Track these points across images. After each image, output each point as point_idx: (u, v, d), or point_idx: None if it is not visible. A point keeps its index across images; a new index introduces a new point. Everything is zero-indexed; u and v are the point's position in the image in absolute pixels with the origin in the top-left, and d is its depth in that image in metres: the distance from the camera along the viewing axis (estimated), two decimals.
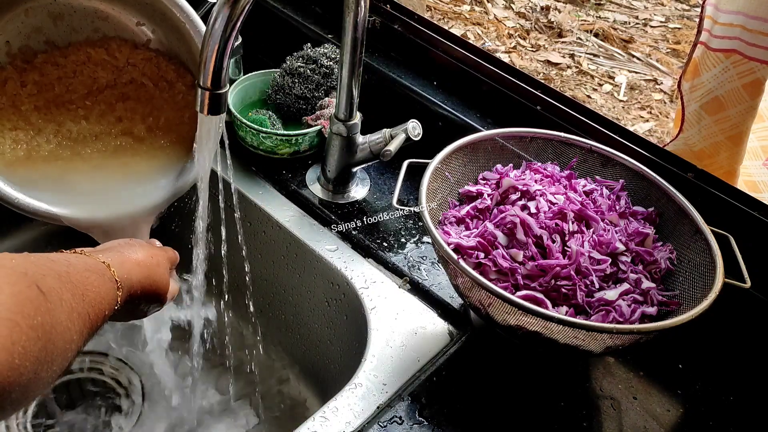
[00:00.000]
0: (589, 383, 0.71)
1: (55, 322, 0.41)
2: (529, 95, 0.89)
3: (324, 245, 0.82)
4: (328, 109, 0.92)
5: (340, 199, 0.88)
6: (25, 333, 0.38)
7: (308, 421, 0.64)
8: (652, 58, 2.67)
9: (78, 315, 0.45)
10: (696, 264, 0.68)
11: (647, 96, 2.49)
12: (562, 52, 2.68)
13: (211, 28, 0.58)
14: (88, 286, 0.48)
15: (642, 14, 2.94)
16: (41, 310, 0.40)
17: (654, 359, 0.73)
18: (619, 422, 0.68)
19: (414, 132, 0.82)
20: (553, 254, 0.67)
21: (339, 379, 0.74)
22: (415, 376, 0.69)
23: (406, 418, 0.65)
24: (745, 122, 0.87)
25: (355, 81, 0.79)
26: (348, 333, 0.81)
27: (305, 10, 1.07)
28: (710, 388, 0.72)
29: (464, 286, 0.66)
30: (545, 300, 0.65)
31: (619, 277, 0.68)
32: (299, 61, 0.95)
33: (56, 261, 0.47)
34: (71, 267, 0.48)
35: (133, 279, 0.56)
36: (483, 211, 0.73)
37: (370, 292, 0.77)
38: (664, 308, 0.67)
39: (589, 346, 0.63)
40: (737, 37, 0.81)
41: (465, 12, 2.88)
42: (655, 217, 0.74)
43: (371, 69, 0.97)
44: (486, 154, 0.79)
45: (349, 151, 0.85)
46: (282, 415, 0.90)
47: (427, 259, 0.81)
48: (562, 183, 0.76)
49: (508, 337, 0.70)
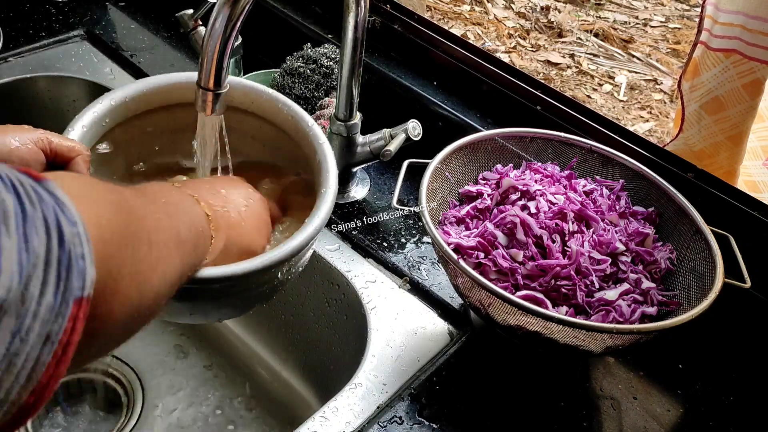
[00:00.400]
0: (589, 383, 0.71)
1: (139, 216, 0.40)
2: (529, 95, 0.89)
3: (324, 245, 0.82)
4: (328, 109, 0.92)
5: (340, 199, 0.88)
6: (103, 207, 0.36)
7: (308, 421, 0.64)
8: (652, 58, 2.67)
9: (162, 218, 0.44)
10: (696, 264, 0.68)
11: (647, 96, 2.49)
12: (562, 52, 2.68)
13: (211, 28, 0.58)
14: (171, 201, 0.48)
15: (642, 14, 2.94)
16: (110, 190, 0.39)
17: (654, 359, 0.73)
18: (619, 422, 0.68)
19: (414, 132, 0.82)
20: (553, 254, 0.67)
21: (339, 379, 0.74)
22: (415, 376, 0.69)
23: (406, 418, 0.66)
24: (745, 122, 0.87)
25: (355, 81, 0.79)
26: (348, 333, 0.81)
27: (305, 10, 1.07)
28: (710, 388, 0.72)
29: (464, 286, 0.66)
30: (545, 300, 0.65)
31: (619, 277, 0.68)
32: (299, 61, 0.95)
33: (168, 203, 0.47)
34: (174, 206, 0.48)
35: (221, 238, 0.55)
36: (483, 211, 0.73)
37: (370, 292, 0.77)
38: (664, 308, 0.67)
39: (589, 346, 0.63)
40: (737, 37, 0.82)
41: (465, 12, 2.88)
42: (655, 217, 0.74)
43: (371, 69, 0.97)
44: (486, 154, 0.79)
45: (349, 151, 0.85)
46: (282, 415, 0.90)
47: (427, 259, 0.81)
48: (562, 183, 0.76)
49: (508, 337, 0.70)
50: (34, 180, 0.31)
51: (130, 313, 0.38)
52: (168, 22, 1.14)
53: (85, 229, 0.31)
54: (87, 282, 0.31)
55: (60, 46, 1.08)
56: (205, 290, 0.55)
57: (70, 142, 0.57)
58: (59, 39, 1.08)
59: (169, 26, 1.14)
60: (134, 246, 0.38)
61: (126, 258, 0.36)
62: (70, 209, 0.31)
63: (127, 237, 0.37)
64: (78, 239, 0.31)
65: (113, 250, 0.35)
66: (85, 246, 0.31)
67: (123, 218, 0.37)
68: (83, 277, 0.30)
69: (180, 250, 0.45)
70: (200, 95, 0.60)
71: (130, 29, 1.13)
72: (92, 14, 1.15)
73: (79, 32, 1.11)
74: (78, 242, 0.31)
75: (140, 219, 0.40)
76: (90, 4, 1.17)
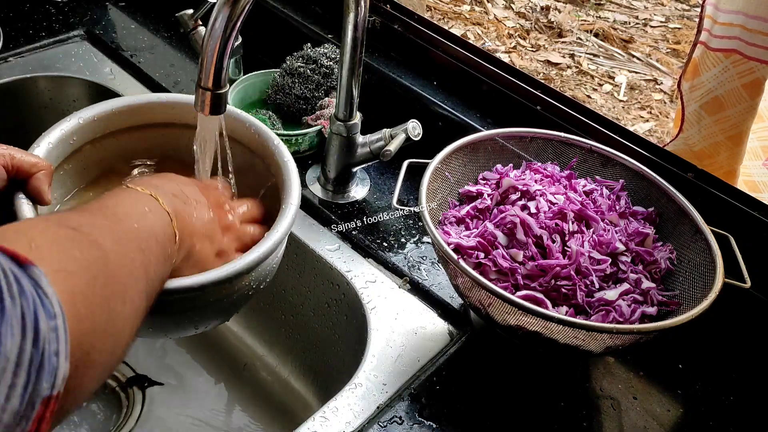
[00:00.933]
0: (589, 383, 0.71)
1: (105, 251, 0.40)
2: (529, 95, 0.89)
3: (324, 245, 0.82)
4: (328, 109, 0.92)
5: (340, 199, 0.88)
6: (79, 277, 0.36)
7: (308, 421, 0.64)
8: (652, 58, 2.67)
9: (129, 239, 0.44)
10: (696, 264, 0.68)
11: (647, 96, 2.49)
12: (562, 52, 2.68)
13: (211, 28, 0.58)
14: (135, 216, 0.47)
15: (642, 14, 2.94)
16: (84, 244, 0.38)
17: (654, 359, 0.73)
18: (619, 422, 0.68)
19: (414, 132, 0.82)
20: (553, 254, 0.67)
21: (339, 379, 0.74)
22: (415, 376, 0.69)
23: (406, 418, 0.65)
24: (745, 122, 0.87)
25: (355, 81, 0.79)
26: (348, 333, 0.81)
27: (305, 10, 1.07)
28: (710, 388, 0.72)
29: (464, 286, 0.66)
30: (545, 300, 0.65)
31: (619, 277, 0.68)
32: (299, 61, 0.95)
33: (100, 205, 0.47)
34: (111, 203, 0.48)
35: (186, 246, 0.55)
36: (483, 211, 0.73)
37: (370, 292, 0.77)
38: (664, 308, 0.67)
39: (589, 346, 0.63)
40: (737, 37, 0.82)
41: (465, 12, 2.88)
42: (655, 217, 0.74)
43: (371, 69, 0.97)
44: (486, 154, 0.79)
45: (349, 151, 0.85)
46: (282, 415, 0.90)
47: (427, 259, 0.81)
48: (562, 183, 0.76)
49: (508, 337, 0.70)
50: (17, 264, 0.31)
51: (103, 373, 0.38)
52: (168, 22, 1.14)
53: (64, 322, 0.31)
54: (58, 380, 0.31)
55: (60, 46, 1.08)
56: (163, 303, 0.54)
57: (32, 157, 0.57)
58: (59, 39, 1.08)
59: (169, 26, 1.14)
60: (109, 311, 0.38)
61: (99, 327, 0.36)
62: (51, 299, 0.31)
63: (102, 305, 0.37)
64: (55, 334, 0.31)
65: (86, 326, 0.35)
66: (62, 342, 0.31)
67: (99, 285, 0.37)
68: (54, 375, 0.30)
69: (148, 282, 0.46)
70: (200, 95, 0.60)
71: (130, 29, 1.13)
72: (92, 14, 1.15)
73: (79, 32, 1.11)
74: (53, 338, 0.31)
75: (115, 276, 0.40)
76: (90, 4, 1.17)
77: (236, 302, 0.63)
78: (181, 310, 0.59)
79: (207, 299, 0.58)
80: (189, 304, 0.58)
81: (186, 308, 0.59)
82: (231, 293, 0.60)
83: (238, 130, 0.70)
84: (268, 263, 0.61)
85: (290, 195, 0.64)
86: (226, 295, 0.60)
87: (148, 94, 0.71)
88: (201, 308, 0.60)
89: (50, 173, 0.58)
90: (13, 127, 1.03)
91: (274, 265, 0.65)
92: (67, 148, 0.66)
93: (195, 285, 0.54)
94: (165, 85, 1.02)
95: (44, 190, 0.56)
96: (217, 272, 0.56)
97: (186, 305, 0.58)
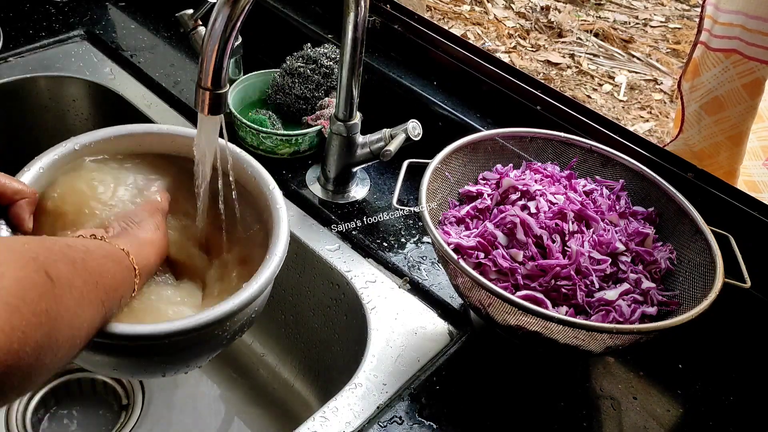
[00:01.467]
0: (589, 383, 0.71)
1: (62, 309, 0.41)
2: (529, 95, 0.89)
3: (324, 245, 0.82)
4: (328, 109, 0.92)
5: (340, 199, 0.88)
6: (26, 318, 0.37)
7: (308, 421, 0.64)
8: (652, 58, 2.67)
9: (89, 302, 0.45)
10: (696, 264, 0.68)
11: (647, 96, 2.49)
12: (562, 52, 2.68)
13: (211, 28, 0.58)
14: (104, 273, 0.48)
15: (642, 14, 2.94)
16: (47, 296, 0.39)
17: (654, 359, 0.73)
18: (619, 422, 0.68)
19: (414, 132, 0.82)
20: (553, 254, 0.67)
21: (339, 379, 0.74)
22: (415, 376, 0.69)
23: (406, 418, 0.65)
24: (745, 122, 0.87)
25: (355, 81, 0.79)
26: (348, 333, 0.81)
27: (305, 10, 1.07)
28: (710, 388, 0.72)
29: (464, 286, 0.66)
30: (545, 300, 0.65)
31: (619, 277, 0.68)
32: (299, 61, 0.95)
33: (73, 247, 0.47)
34: (88, 254, 0.47)
35: (151, 263, 0.56)
36: (483, 211, 0.73)
37: (370, 292, 0.77)
38: (664, 308, 0.67)
39: (589, 346, 0.63)
40: (737, 37, 0.82)
41: (465, 12, 2.88)
42: (655, 217, 0.74)
43: (371, 69, 0.97)
44: (486, 154, 0.79)
45: (349, 151, 0.85)
46: (282, 415, 0.90)
47: (427, 259, 0.81)
48: (562, 183, 0.76)
49: (508, 337, 0.70)
50: None
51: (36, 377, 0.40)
52: (168, 22, 1.14)
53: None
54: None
55: (60, 46, 1.08)
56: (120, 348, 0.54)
57: (17, 184, 0.57)
58: (59, 39, 1.08)
59: (169, 26, 1.14)
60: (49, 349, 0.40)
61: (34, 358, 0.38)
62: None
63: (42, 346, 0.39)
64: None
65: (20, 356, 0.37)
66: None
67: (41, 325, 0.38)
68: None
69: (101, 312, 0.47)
70: (199, 95, 0.60)
71: (130, 29, 1.13)
72: (92, 14, 1.15)
73: (79, 32, 1.11)
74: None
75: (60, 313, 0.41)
76: (90, 4, 1.17)
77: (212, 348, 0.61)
78: (149, 356, 0.58)
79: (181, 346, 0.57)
80: (162, 348, 0.57)
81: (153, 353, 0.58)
82: (205, 340, 0.59)
83: (237, 170, 0.68)
84: (250, 308, 0.60)
85: (277, 246, 0.62)
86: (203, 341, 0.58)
87: (148, 125, 0.70)
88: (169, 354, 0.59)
89: (34, 201, 0.58)
90: (13, 127, 1.03)
91: (257, 309, 0.63)
92: (58, 174, 0.64)
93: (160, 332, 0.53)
94: (165, 85, 1.02)
95: (24, 219, 0.57)
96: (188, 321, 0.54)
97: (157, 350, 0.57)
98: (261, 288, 0.58)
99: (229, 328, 0.59)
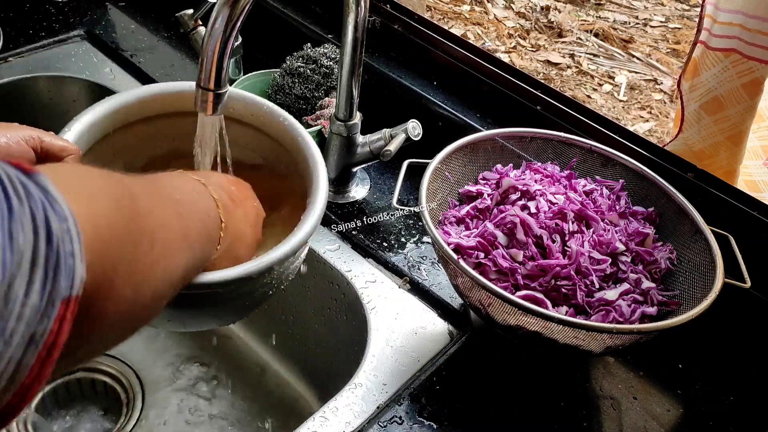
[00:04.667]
0: (589, 383, 0.71)
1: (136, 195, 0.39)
2: (529, 95, 0.89)
3: (324, 245, 0.82)
4: (328, 109, 0.92)
5: (340, 199, 0.88)
6: (102, 203, 0.35)
7: (308, 421, 0.64)
8: (652, 58, 2.67)
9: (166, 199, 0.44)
10: (696, 264, 0.68)
11: (647, 96, 2.49)
12: (562, 52, 2.68)
13: (211, 28, 0.58)
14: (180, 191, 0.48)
15: (642, 14, 2.94)
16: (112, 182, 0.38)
17: (654, 359, 0.73)
18: (619, 422, 0.68)
19: (414, 132, 0.82)
20: (553, 254, 0.67)
21: (339, 379, 0.74)
22: (415, 376, 0.69)
23: (406, 418, 0.65)
24: (744, 122, 0.87)
25: (355, 81, 0.79)
26: (348, 333, 0.81)
27: (305, 10, 1.07)
28: (710, 388, 0.72)
29: (464, 286, 0.66)
30: (545, 300, 0.65)
31: (619, 277, 0.68)
32: (299, 61, 0.95)
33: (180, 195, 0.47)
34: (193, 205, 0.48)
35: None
36: (483, 211, 0.73)
37: (370, 292, 0.77)
38: (664, 308, 0.67)
39: (589, 346, 0.63)
40: (736, 36, 0.82)
41: (465, 12, 2.88)
42: (655, 217, 0.74)
43: (371, 69, 0.97)
44: (486, 154, 0.79)
45: (349, 151, 0.85)
46: (282, 415, 0.90)
47: (427, 259, 0.81)
48: (562, 183, 0.76)
49: (508, 337, 0.70)
50: (24, 173, 0.30)
51: (126, 313, 0.37)
52: (168, 22, 1.14)
53: (76, 225, 0.30)
54: (76, 281, 0.30)
55: (60, 46, 1.08)
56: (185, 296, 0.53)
57: (62, 141, 0.56)
58: (59, 39, 1.08)
59: (169, 26, 1.14)
60: (134, 245, 0.37)
61: (124, 257, 0.35)
62: (60, 204, 0.30)
63: (127, 235, 0.36)
64: (68, 236, 0.30)
65: (109, 249, 0.34)
66: (75, 243, 0.30)
67: (123, 215, 0.36)
68: (71, 276, 0.30)
69: (186, 252, 0.45)
70: (200, 95, 0.60)
71: (130, 29, 1.13)
72: (92, 14, 1.15)
73: (79, 32, 1.11)
74: (68, 239, 0.30)
75: (144, 216, 0.39)
76: (90, 4, 1.17)
77: (257, 300, 0.62)
78: (203, 305, 0.58)
79: (230, 295, 0.58)
80: (212, 299, 0.57)
81: (207, 303, 0.58)
82: (253, 290, 0.59)
83: (267, 122, 0.69)
84: (291, 261, 0.60)
85: (318, 191, 0.62)
86: (249, 291, 0.59)
87: (177, 83, 0.70)
88: (222, 303, 0.59)
89: (78, 158, 0.57)
90: None
91: (297, 263, 0.64)
92: (98, 133, 0.65)
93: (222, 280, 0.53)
94: None
95: None
96: (246, 267, 0.55)
97: (208, 300, 0.57)
98: (306, 235, 0.59)
99: (276, 276, 0.60)
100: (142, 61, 1.06)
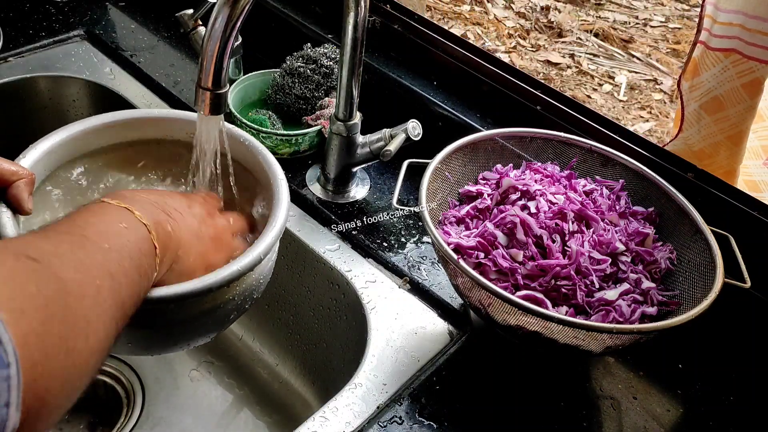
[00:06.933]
0: (589, 383, 0.71)
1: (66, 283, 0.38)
2: (529, 95, 0.89)
3: (324, 245, 0.82)
4: (328, 109, 0.92)
5: (340, 199, 0.88)
6: (33, 317, 0.34)
7: (308, 421, 0.64)
8: (652, 58, 2.67)
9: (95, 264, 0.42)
10: (696, 264, 0.68)
11: (647, 96, 2.49)
12: (562, 52, 2.68)
13: (211, 28, 0.58)
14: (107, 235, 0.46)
15: (642, 14, 2.94)
16: (42, 278, 0.37)
17: (654, 359, 0.73)
18: (619, 422, 0.68)
19: (414, 132, 0.82)
20: (553, 254, 0.67)
21: (339, 379, 0.74)
22: (415, 376, 0.69)
23: (406, 418, 0.65)
24: (744, 122, 0.87)
25: (355, 81, 0.79)
26: (348, 333, 0.81)
27: (305, 10, 1.07)
28: (710, 388, 0.72)
29: (464, 286, 0.66)
30: (545, 300, 0.65)
31: (619, 277, 0.68)
32: (299, 61, 0.95)
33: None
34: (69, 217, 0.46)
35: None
36: (483, 211, 0.73)
37: (370, 292, 0.77)
38: (664, 308, 0.67)
39: (589, 346, 0.63)
40: (736, 36, 0.82)
41: (465, 12, 2.88)
42: (655, 217, 0.74)
43: (371, 69, 0.97)
44: (486, 154, 0.79)
45: (349, 151, 0.85)
46: (282, 415, 0.90)
47: (427, 259, 0.81)
48: (562, 183, 0.76)
49: (508, 337, 0.70)
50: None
51: (58, 413, 0.37)
52: (168, 22, 1.14)
53: (18, 369, 0.31)
54: (8, 429, 0.30)
55: (60, 46, 1.08)
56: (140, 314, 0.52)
57: (13, 165, 0.56)
58: (59, 39, 1.08)
59: (169, 26, 1.14)
60: (69, 349, 0.37)
61: (58, 367, 0.35)
62: (5, 347, 0.30)
63: (61, 343, 0.36)
64: (6, 384, 0.30)
65: (42, 371, 0.34)
66: (13, 391, 0.30)
67: (57, 321, 0.36)
68: (2, 428, 0.30)
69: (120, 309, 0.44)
70: (200, 95, 0.60)
71: (130, 29, 1.13)
72: (92, 14, 1.15)
73: (79, 32, 1.11)
74: (5, 388, 0.30)
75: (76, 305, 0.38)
76: (90, 4, 1.17)
77: (220, 319, 0.61)
78: (161, 324, 0.57)
79: (188, 313, 0.57)
80: (168, 317, 0.56)
81: (165, 323, 0.57)
82: (214, 307, 0.58)
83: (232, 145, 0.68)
84: (253, 276, 0.60)
85: (277, 208, 0.62)
86: (209, 309, 0.58)
87: (141, 110, 0.70)
88: (181, 323, 0.58)
89: (31, 182, 0.57)
90: (13, 127, 1.03)
91: (261, 279, 0.63)
92: (57, 159, 0.65)
93: (172, 295, 0.52)
94: (165, 85, 1.02)
95: (23, 199, 0.56)
96: (197, 282, 0.54)
97: (165, 318, 0.56)
98: (267, 248, 0.58)
99: (235, 296, 0.59)
100: (142, 61, 1.06)
